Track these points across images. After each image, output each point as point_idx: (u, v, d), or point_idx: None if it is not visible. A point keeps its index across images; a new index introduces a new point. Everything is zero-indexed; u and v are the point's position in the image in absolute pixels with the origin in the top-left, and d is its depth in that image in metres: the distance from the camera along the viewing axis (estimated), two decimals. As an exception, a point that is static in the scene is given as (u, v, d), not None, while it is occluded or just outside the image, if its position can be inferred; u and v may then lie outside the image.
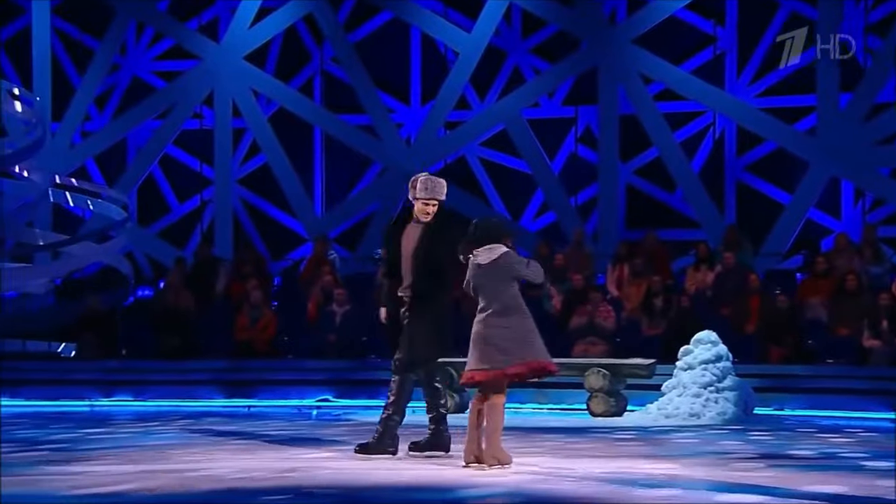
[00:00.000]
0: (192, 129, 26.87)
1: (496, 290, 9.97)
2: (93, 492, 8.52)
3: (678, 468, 9.94)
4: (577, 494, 8.38)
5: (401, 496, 8.34)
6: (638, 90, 23.96)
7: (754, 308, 18.47)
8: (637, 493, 8.48)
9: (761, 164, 24.52)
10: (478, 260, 10.04)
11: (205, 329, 20.35)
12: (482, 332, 9.93)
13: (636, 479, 9.23)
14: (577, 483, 9.01)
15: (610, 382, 15.86)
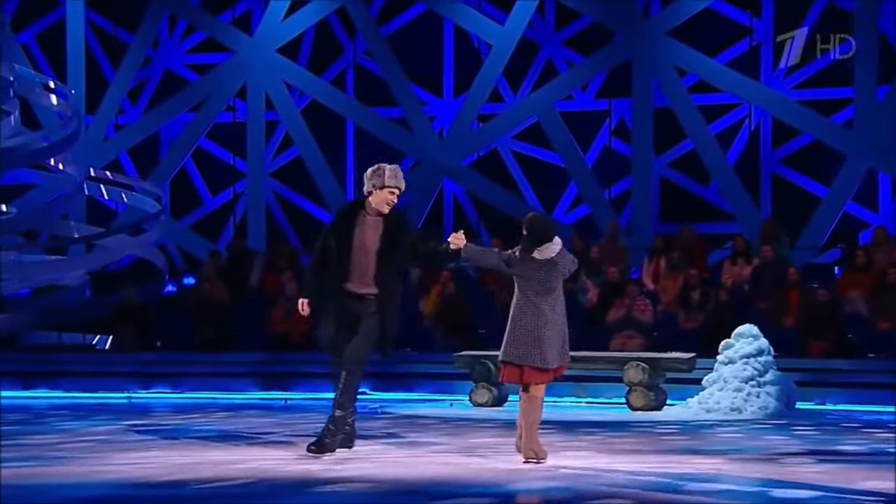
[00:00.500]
0: (225, 122, 26.90)
1: (552, 286, 9.90)
2: (147, 482, 8.49)
3: (726, 463, 9.86)
4: (629, 489, 8.31)
5: (454, 490, 8.28)
6: (672, 82, 23.86)
7: (793, 302, 18.34)
8: (690, 487, 8.41)
9: (797, 157, 24.39)
10: (536, 255, 9.95)
11: (239, 321, 20.36)
12: (542, 330, 9.81)
13: (685, 474, 9.15)
14: (627, 478, 8.94)
15: (649, 376, 15.77)
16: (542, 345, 9.81)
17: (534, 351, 9.81)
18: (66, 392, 18.84)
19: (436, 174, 25.23)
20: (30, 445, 11.09)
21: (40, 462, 9.76)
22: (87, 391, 18.79)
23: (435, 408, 16.25)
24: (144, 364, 19.49)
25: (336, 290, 10.15)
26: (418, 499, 7.95)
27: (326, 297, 10.22)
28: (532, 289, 9.90)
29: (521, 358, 9.85)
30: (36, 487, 8.34)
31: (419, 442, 11.60)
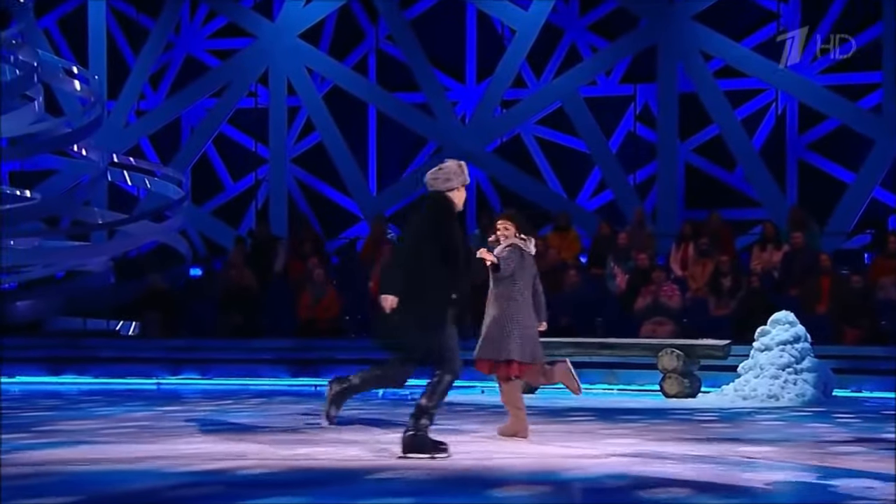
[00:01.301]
0: (247, 108, 26.82)
1: (529, 282, 10.13)
2: (200, 469, 8.44)
3: (775, 451, 9.78)
4: (684, 477, 8.23)
5: (509, 478, 8.22)
6: (698, 67, 23.75)
7: (825, 288, 18.26)
8: (745, 476, 8.32)
9: (824, 143, 24.25)
10: (525, 248, 10.13)
11: (266, 308, 20.32)
12: (533, 329, 9.96)
13: (736, 461, 9.08)
14: (678, 465, 8.86)
15: (684, 363, 15.70)
16: (534, 342, 10.52)
17: (527, 346, 10.43)
18: (95, 378, 18.85)
19: (458, 160, 25.05)
20: (72, 431, 11.05)
21: (82, 448, 9.71)
22: (116, 377, 18.79)
23: (467, 395, 16.17)
24: (173, 350, 19.46)
25: (458, 295, 9.57)
26: (475, 487, 7.87)
27: (445, 300, 9.51)
28: (523, 283, 10.04)
29: (529, 355, 10.05)
30: (93, 474, 8.28)
31: (461, 430, 11.53)
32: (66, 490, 7.56)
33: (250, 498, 7.32)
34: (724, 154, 24.18)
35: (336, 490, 7.74)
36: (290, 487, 7.80)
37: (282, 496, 7.38)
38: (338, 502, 7.25)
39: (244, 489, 7.76)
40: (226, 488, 7.77)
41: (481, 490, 7.72)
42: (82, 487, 7.73)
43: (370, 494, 7.51)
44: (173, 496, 7.46)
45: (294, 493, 7.54)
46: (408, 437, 9.15)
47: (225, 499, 7.37)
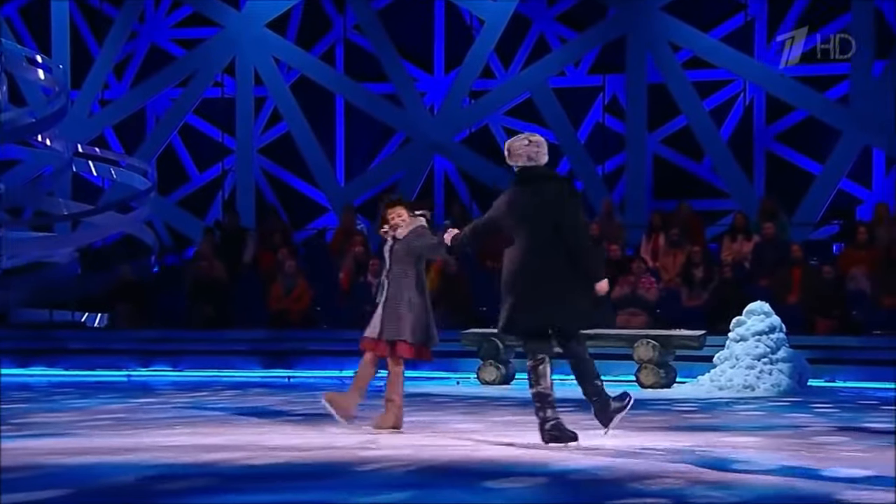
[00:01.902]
0: (213, 98, 26.66)
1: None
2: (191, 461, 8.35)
3: (760, 441, 9.75)
4: (674, 468, 8.19)
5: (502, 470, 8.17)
6: (667, 58, 23.77)
7: (796, 279, 18.32)
8: (736, 467, 8.29)
9: (791, 133, 24.35)
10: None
11: (237, 299, 20.20)
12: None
13: (725, 452, 9.06)
14: (667, 456, 8.81)
15: (660, 354, 15.72)
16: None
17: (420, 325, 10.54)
18: (64, 370, 18.69)
19: (427, 151, 25.09)
20: (46, 423, 10.93)
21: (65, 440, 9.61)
22: (85, 369, 18.64)
23: (441, 386, 16.16)
24: (143, 342, 19.32)
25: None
26: (468, 479, 7.82)
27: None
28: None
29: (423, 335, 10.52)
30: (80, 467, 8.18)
31: (442, 421, 11.49)
32: (54, 483, 7.45)
33: (245, 492, 7.24)
34: (692, 145, 24.23)
35: (331, 483, 7.66)
36: (284, 480, 7.71)
37: (276, 490, 7.30)
38: (334, 496, 7.17)
39: (238, 482, 7.67)
40: (220, 481, 7.68)
41: (476, 482, 7.65)
42: (70, 480, 7.62)
43: (366, 487, 7.44)
44: (166, 489, 7.36)
45: (288, 486, 7.45)
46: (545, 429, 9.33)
47: (220, 492, 7.28)
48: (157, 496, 7.14)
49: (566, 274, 9.31)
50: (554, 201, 9.38)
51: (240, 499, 6.99)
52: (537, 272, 9.30)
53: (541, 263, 9.29)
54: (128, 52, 27.08)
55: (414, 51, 25.98)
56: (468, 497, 7.20)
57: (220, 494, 7.13)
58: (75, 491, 7.23)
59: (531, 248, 9.32)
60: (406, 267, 10.44)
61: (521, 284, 9.39)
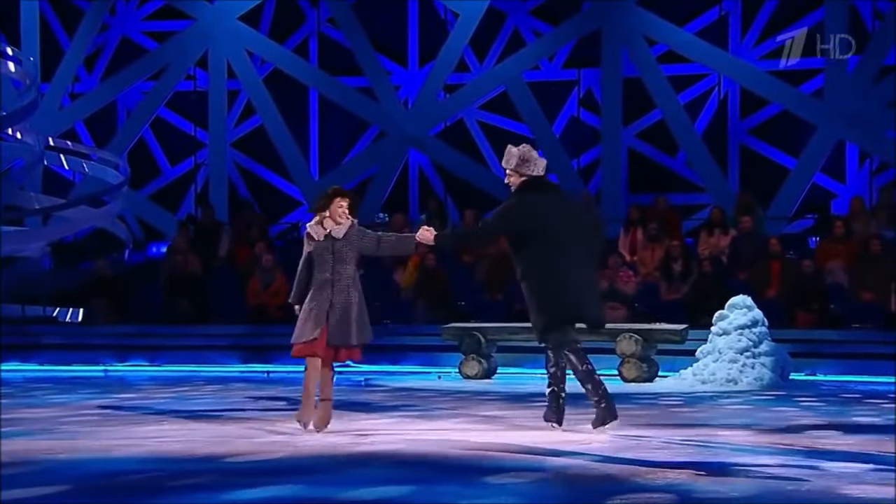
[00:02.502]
0: (185, 91, 26.52)
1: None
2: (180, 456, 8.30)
3: (754, 436, 9.77)
4: (674, 462, 8.20)
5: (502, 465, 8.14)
6: (642, 52, 23.77)
7: (775, 273, 18.36)
8: (735, 460, 8.31)
9: (765, 128, 24.40)
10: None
11: (213, 294, 20.10)
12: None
13: (720, 448, 9.06)
14: (665, 450, 8.81)
15: (642, 348, 15.71)
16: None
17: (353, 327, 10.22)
18: (39, 365, 18.55)
19: (401, 145, 25.02)
20: (31, 419, 10.83)
21: (54, 436, 9.54)
22: (61, 364, 18.51)
23: (423, 380, 16.11)
24: (120, 337, 19.18)
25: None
26: (468, 474, 7.78)
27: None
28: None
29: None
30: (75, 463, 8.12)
31: (430, 416, 11.44)
32: (52, 479, 7.40)
33: (245, 487, 7.19)
34: (667, 139, 24.25)
35: (334, 478, 7.63)
36: (286, 475, 7.67)
37: (275, 484, 7.25)
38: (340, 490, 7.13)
39: (240, 477, 7.62)
40: (220, 477, 7.63)
41: (475, 477, 7.63)
42: (68, 476, 7.56)
43: (369, 482, 7.40)
44: (170, 486, 7.31)
45: (287, 481, 7.41)
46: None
47: (221, 487, 7.23)
48: (161, 492, 7.09)
49: (590, 270, 10.04)
50: (568, 205, 10.19)
51: (247, 494, 6.94)
52: (566, 271, 9.72)
53: (567, 263, 9.71)
54: (98, 44, 26.89)
55: (388, 44, 25.91)
56: (468, 492, 7.18)
57: (226, 490, 7.08)
58: (74, 487, 7.17)
59: (555, 250, 9.75)
60: (351, 267, 10.25)
61: (552, 285, 9.75)
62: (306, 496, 6.96)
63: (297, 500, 6.87)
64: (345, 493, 7.00)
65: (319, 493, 7.08)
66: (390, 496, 6.95)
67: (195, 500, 6.86)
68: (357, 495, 6.95)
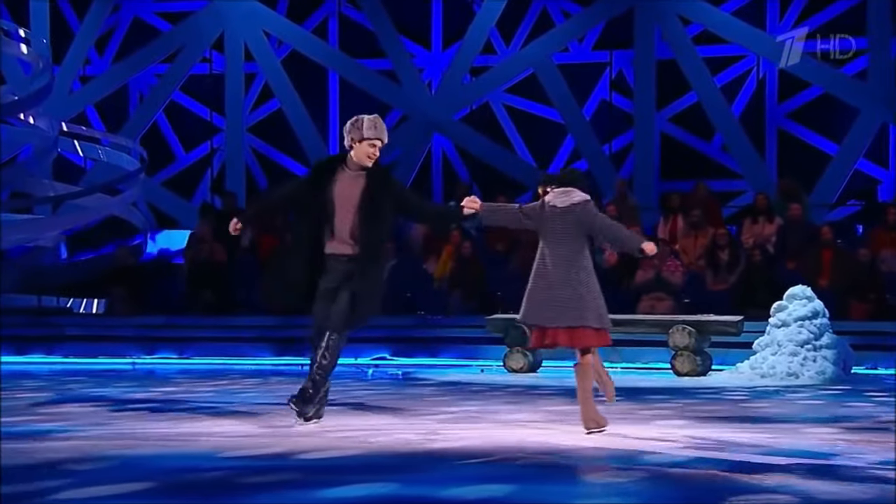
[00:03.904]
0: (201, 74, 26.31)
1: (565, 240, 9.49)
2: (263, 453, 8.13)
3: (844, 433, 9.54)
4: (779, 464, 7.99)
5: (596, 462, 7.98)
6: (676, 33, 23.60)
7: (826, 262, 18.18)
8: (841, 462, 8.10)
9: (805, 111, 24.22)
10: (554, 201, 9.58)
11: (238, 284, 19.92)
12: (552, 289, 9.40)
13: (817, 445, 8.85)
14: (760, 449, 8.62)
15: (696, 340, 15.54)
16: (552, 304, 9.39)
17: (545, 311, 9.40)
18: (63, 358, 18.38)
19: (425, 130, 24.85)
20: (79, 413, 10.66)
21: (111, 431, 9.36)
22: (85, 357, 18.34)
23: (467, 374, 15.94)
24: (146, 328, 19.01)
25: (314, 249, 9.74)
26: (569, 473, 7.61)
27: (299, 252, 9.87)
28: (546, 242, 9.54)
29: (540, 319, 9.48)
30: (151, 458, 7.95)
31: (491, 410, 11.25)
32: (135, 475, 7.21)
33: (337, 484, 7.00)
34: (701, 123, 24.08)
35: (422, 477, 7.44)
36: (370, 473, 7.49)
37: (368, 482, 7.07)
38: (432, 490, 6.97)
39: (323, 475, 7.44)
40: (304, 474, 7.45)
41: (577, 476, 7.47)
42: (150, 472, 7.37)
43: (462, 480, 7.22)
44: (255, 483, 7.14)
45: (378, 479, 7.20)
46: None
47: (312, 485, 7.06)
48: (250, 490, 6.92)
49: None
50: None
51: (343, 492, 6.76)
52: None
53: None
54: (110, 25, 26.68)
55: (411, 25, 25.71)
56: (576, 491, 7.03)
57: (318, 488, 6.91)
58: (158, 484, 7.01)
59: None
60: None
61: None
62: (406, 495, 6.78)
63: (398, 499, 6.70)
64: (445, 492, 6.83)
65: (418, 491, 6.91)
66: (495, 496, 6.77)
67: (291, 498, 6.68)
68: (458, 494, 6.78)
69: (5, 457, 7.92)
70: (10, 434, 9.03)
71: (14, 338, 18.73)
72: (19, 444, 8.50)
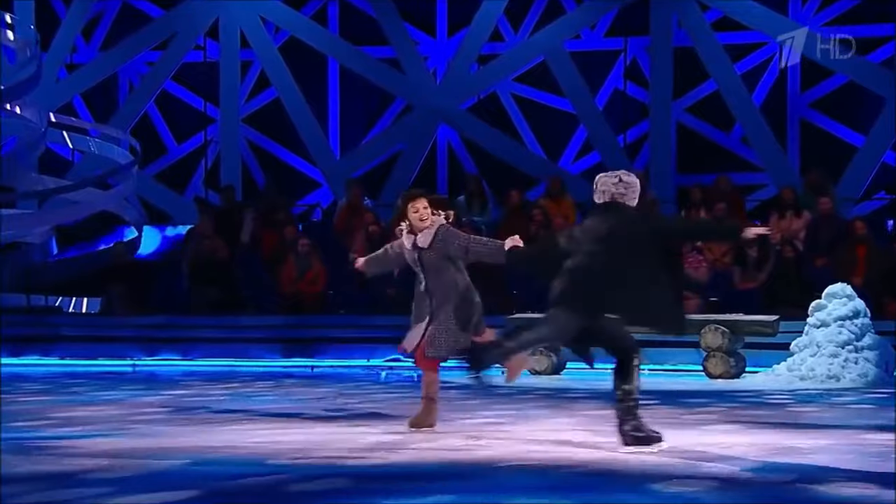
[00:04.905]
0: (194, 63, 26.14)
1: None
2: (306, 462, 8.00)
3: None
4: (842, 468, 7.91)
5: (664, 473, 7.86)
6: (694, 19, 23.50)
7: (861, 258, 18.06)
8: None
9: (828, 101, 24.12)
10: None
11: (241, 282, 19.78)
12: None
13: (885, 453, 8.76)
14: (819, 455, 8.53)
15: (729, 341, 15.42)
16: None
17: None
18: (60, 359, 18.20)
19: (430, 120, 24.72)
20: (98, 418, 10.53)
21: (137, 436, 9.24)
22: (84, 358, 18.18)
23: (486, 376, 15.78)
24: (147, 328, 18.85)
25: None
26: (632, 482, 7.47)
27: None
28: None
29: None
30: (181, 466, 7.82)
31: (529, 415, 11.13)
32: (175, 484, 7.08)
33: (391, 494, 6.87)
34: (719, 114, 23.99)
35: (477, 485, 7.31)
36: (421, 481, 7.36)
37: (423, 492, 6.93)
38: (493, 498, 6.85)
39: (372, 483, 7.32)
40: (353, 482, 7.32)
41: (641, 485, 7.32)
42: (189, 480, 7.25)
43: (521, 490, 7.10)
44: (300, 491, 7.02)
45: (432, 489, 7.07)
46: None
47: (362, 494, 6.95)
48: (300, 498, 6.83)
49: None
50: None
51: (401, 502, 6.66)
52: None
53: None
54: (98, 11, 26.50)
55: (415, 11, 25.54)
56: (644, 501, 6.91)
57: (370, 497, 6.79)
58: (203, 492, 6.89)
59: None
60: (450, 273, 9.90)
61: None
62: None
63: (463, 510, 6.60)
64: (508, 502, 6.73)
65: (478, 500, 6.81)
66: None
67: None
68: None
69: (31, 464, 7.81)
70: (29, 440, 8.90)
71: (7, 339, 18.54)
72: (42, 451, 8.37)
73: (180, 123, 26.64)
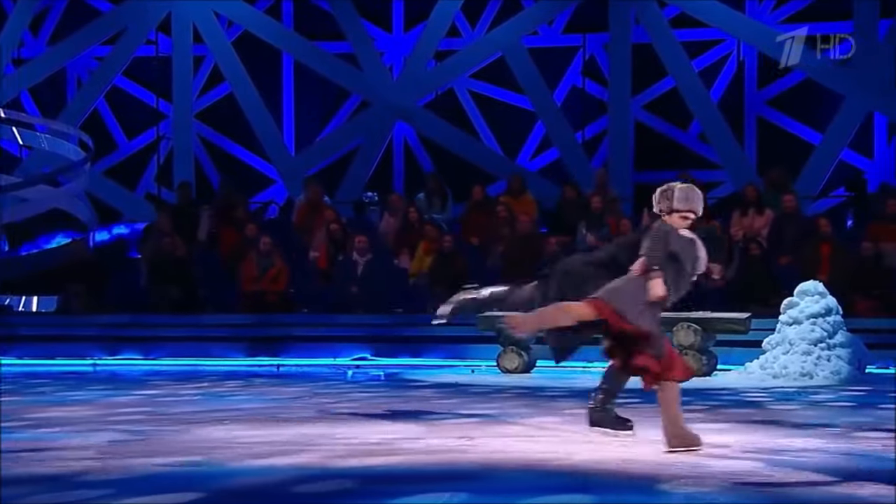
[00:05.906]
0: (145, 57, 25.92)
1: None
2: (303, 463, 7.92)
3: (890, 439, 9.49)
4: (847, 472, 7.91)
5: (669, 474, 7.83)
6: (652, 15, 23.54)
7: (825, 256, 18.14)
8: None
9: (785, 98, 24.23)
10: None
11: (201, 280, 19.63)
12: None
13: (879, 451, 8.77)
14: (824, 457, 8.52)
15: (701, 339, 15.43)
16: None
17: None
18: (18, 359, 17.95)
19: (387, 116, 24.62)
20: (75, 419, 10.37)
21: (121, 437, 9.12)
22: (43, 358, 17.95)
23: (456, 374, 15.75)
24: (107, 327, 18.64)
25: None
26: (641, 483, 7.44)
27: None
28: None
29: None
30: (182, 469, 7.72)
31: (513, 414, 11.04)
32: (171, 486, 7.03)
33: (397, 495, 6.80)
34: (676, 111, 24.05)
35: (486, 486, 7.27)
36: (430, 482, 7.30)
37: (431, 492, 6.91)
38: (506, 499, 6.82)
39: (382, 485, 7.25)
40: (358, 483, 7.25)
41: (651, 486, 7.29)
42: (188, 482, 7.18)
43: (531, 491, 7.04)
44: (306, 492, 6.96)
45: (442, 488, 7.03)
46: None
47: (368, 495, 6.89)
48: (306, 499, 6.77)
49: None
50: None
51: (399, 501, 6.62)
52: None
53: None
54: (45, 5, 26.21)
55: (371, 6, 25.44)
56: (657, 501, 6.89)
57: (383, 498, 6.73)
58: (208, 494, 6.82)
59: None
60: None
61: None
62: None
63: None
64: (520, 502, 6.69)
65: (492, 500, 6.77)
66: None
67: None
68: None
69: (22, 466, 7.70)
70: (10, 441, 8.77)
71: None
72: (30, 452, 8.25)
73: (131, 119, 26.42)
